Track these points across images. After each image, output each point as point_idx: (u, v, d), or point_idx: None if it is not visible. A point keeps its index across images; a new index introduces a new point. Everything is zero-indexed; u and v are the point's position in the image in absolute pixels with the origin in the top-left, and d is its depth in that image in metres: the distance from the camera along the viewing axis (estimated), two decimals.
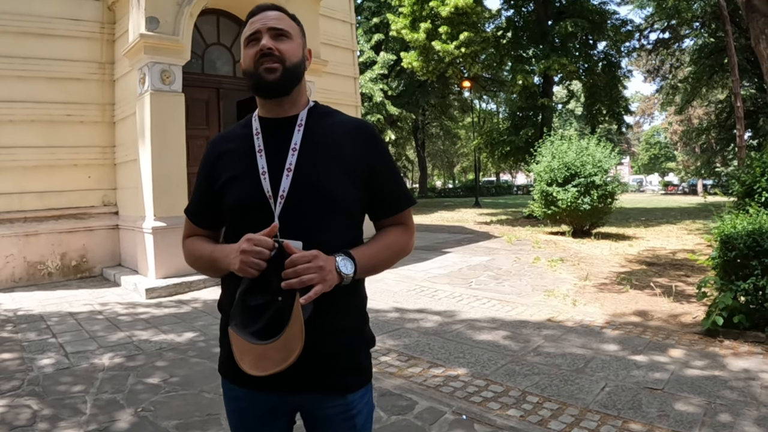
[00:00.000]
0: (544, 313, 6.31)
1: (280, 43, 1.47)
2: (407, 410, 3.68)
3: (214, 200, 1.57)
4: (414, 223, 1.67)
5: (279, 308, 1.35)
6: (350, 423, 1.51)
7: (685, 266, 9.01)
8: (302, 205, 1.42)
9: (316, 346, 1.40)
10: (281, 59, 1.46)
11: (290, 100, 1.52)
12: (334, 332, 1.45)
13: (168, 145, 7.92)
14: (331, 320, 1.44)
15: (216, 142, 1.64)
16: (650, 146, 67.17)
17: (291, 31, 1.50)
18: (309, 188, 1.43)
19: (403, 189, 1.61)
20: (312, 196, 1.42)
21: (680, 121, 45.09)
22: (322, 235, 1.42)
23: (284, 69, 1.46)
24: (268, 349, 1.33)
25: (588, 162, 12.92)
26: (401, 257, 1.61)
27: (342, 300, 1.45)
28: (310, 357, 1.39)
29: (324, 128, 1.52)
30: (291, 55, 1.48)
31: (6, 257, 8.12)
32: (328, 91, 10.98)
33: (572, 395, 3.89)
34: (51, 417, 3.55)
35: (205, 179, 1.60)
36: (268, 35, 1.47)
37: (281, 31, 1.48)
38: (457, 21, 19.65)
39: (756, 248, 5.00)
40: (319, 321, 1.38)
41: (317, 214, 1.43)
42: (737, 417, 3.44)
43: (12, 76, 8.18)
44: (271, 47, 1.45)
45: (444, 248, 11.84)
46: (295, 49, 1.50)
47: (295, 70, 1.49)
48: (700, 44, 26.72)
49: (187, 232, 1.71)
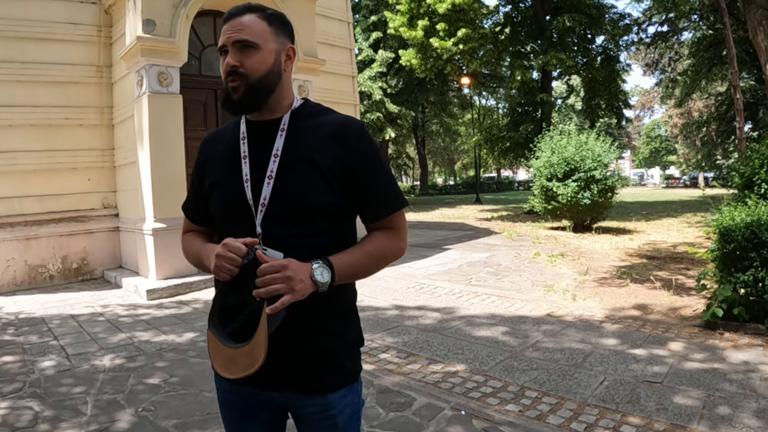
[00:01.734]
0: (544, 308, 6.32)
1: (245, 56, 1.44)
2: (406, 407, 3.69)
3: (204, 200, 1.60)
4: (406, 226, 1.61)
5: (254, 310, 1.38)
6: (330, 422, 1.51)
7: (685, 259, 9.01)
8: (283, 212, 1.42)
9: (293, 346, 1.43)
10: (244, 77, 1.43)
11: (268, 108, 1.51)
12: (312, 334, 1.45)
13: (167, 147, 7.93)
14: (310, 323, 1.44)
15: (207, 142, 1.66)
16: (651, 140, 67.06)
17: (258, 41, 1.45)
18: (288, 196, 1.42)
19: (391, 191, 1.55)
20: (292, 204, 1.42)
21: (680, 114, 45.08)
22: (304, 242, 1.42)
23: (247, 87, 1.44)
24: (237, 353, 1.39)
25: (587, 156, 12.92)
26: (387, 263, 1.57)
27: (322, 304, 1.44)
28: (287, 356, 1.42)
29: (307, 131, 1.50)
30: (256, 69, 1.44)
31: (7, 261, 8.14)
32: (327, 90, 11.00)
33: (571, 390, 3.90)
34: (52, 418, 3.57)
35: (197, 179, 1.64)
36: (233, 49, 1.45)
37: (246, 43, 1.44)
38: (454, 18, 19.65)
39: (754, 240, 5.01)
40: (296, 323, 1.40)
41: (297, 221, 1.42)
42: (736, 409, 3.45)
43: (11, 80, 8.20)
44: (235, 65, 1.43)
45: (444, 245, 11.85)
46: (262, 59, 1.45)
47: (262, 83, 1.46)
48: (699, 37, 26.64)
49: (185, 228, 1.76)
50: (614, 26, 21.61)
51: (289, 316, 1.37)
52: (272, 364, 1.38)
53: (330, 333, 1.49)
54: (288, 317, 1.37)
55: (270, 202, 1.43)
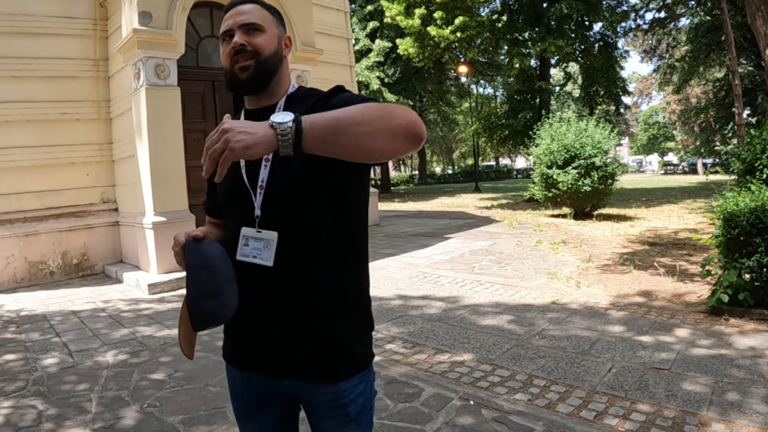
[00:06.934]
0: (548, 296, 6.30)
1: (252, 37, 1.47)
2: (414, 397, 3.67)
3: (213, 192, 1.66)
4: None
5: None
6: (342, 411, 1.48)
7: (687, 245, 8.99)
8: (282, 193, 1.41)
9: (303, 332, 1.41)
10: (254, 54, 1.46)
11: (269, 93, 1.53)
12: (321, 318, 1.43)
13: (165, 140, 7.88)
14: (318, 306, 1.42)
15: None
16: (649, 126, 66.92)
17: (263, 24, 1.49)
18: (286, 176, 1.40)
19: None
20: (290, 184, 1.40)
21: (678, 101, 44.95)
22: (304, 220, 1.41)
23: (256, 64, 1.46)
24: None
25: (587, 143, 12.90)
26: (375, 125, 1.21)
27: (331, 285, 1.43)
28: (295, 342, 1.41)
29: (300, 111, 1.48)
30: (264, 49, 1.47)
31: (7, 258, 8.09)
32: (324, 80, 10.88)
33: (579, 377, 3.88)
34: (56, 416, 3.54)
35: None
36: (240, 32, 1.47)
37: (253, 25, 1.47)
38: (451, 6, 19.55)
39: (759, 225, 4.98)
40: (306, 307, 1.41)
41: (297, 201, 1.41)
42: (745, 395, 3.43)
43: (6, 76, 8.12)
44: (243, 43, 1.45)
45: (445, 234, 11.83)
46: (269, 41, 1.49)
47: (269, 62, 1.48)
48: (696, 23, 26.55)
49: (206, 221, 1.79)
50: (612, 13, 21.55)
51: (302, 294, 1.39)
52: (278, 347, 1.40)
53: (341, 317, 1.46)
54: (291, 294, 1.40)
55: (268, 184, 1.42)
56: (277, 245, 1.39)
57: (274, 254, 1.39)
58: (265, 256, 1.40)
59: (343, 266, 1.46)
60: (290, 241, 1.40)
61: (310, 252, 1.41)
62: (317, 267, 1.41)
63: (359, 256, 1.53)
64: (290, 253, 1.40)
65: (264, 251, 1.40)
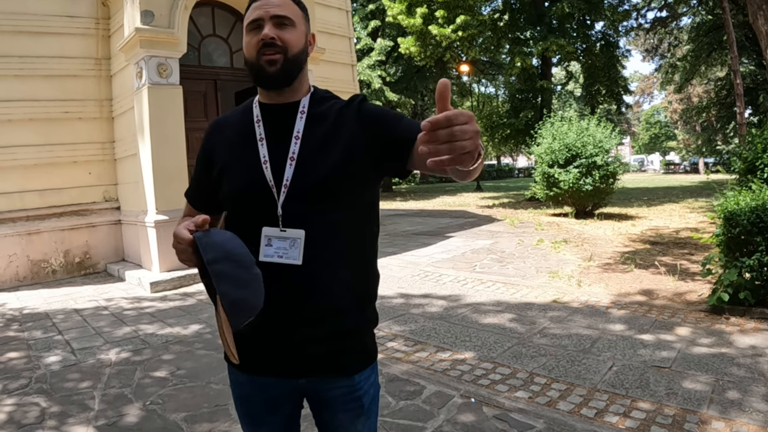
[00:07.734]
0: (549, 294, 6.31)
1: (283, 31, 1.42)
2: (415, 395, 3.68)
3: (211, 186, 1.56)
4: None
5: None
6: (357, 404, 1.50)
7: (688, 245, 8.99)
8: (306, 192, 1.40)
9: (326, 328, 1.43)
10: (283, 49, 1.41)
11: (291, 89, 1.49)
12: (343, 313, 1.45)
13: (167, 139, 7.90)
14: (340, 302, 1.44)
15: (214, 128, 1.63)
16: (650, 126, 66.83)
17: (294, 18, 1.45)
18: (314, 176, 1.40)
19: (405, 118, 1.48)
20: (317, 183, 1.40)
21: (680, 100, 44.93)
22: (325, 218, 1.41)
23: (285, 60, 1.42)
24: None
25: (589, 143, 12.90)
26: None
27: (351, 282, 1.46)
28: (319, 339, 1.42)
29: (323, 114, 1.49)
30: (293, 45, 1.43)
31: (9, 257, 8.12)
32: (326, 79, 10.91)
33: (580, 376, 3.90)
34: (59, 414, 3.55)
35: (203, 165, 1.60)
36: (270, 23, 1.41)
37: (284, 19, 1.42)
38: (453, 4, 19.55)
39: (760, 224, 4.98)
40: (328, 303, 1.42)
41: (320, 200, 1.41)
42: (745, 394, 3.44)
43: (9, 75, 8.12)
44: (273, 36, 1.40)
45: (447, 233, 11.84)
46: (298, 37, 1.46)
47: (297, 59, 1.45)
48: (698, 22, 26.52)
49: (185, 213, 1.70)
50: (613, 12, 21.51)
51: (316, 291, 1.40)
52: (302, 345, 1.40)
53: (354, 310, 1.48)
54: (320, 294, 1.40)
55: (292, 183, 1.41)
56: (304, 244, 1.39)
57: (302, 253, 1.38)
58: (293, 255, 1.38)
59: (362, 263, 1.49)
60: (315, 240, 1.39)
61: (334, 250, 1.42)
62: (340, 264, 1.43)
63: (374, 252, 1.56)
64: (315, 252, 1.39)
65: (291, 250, 1.39)
